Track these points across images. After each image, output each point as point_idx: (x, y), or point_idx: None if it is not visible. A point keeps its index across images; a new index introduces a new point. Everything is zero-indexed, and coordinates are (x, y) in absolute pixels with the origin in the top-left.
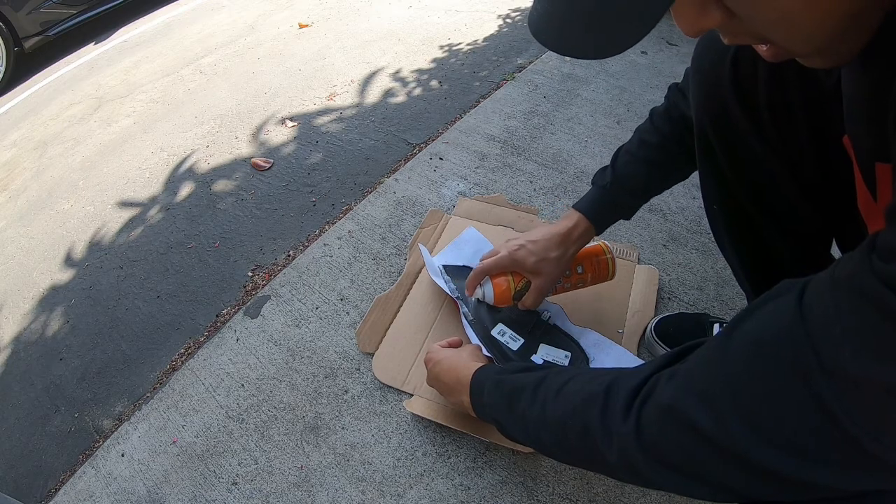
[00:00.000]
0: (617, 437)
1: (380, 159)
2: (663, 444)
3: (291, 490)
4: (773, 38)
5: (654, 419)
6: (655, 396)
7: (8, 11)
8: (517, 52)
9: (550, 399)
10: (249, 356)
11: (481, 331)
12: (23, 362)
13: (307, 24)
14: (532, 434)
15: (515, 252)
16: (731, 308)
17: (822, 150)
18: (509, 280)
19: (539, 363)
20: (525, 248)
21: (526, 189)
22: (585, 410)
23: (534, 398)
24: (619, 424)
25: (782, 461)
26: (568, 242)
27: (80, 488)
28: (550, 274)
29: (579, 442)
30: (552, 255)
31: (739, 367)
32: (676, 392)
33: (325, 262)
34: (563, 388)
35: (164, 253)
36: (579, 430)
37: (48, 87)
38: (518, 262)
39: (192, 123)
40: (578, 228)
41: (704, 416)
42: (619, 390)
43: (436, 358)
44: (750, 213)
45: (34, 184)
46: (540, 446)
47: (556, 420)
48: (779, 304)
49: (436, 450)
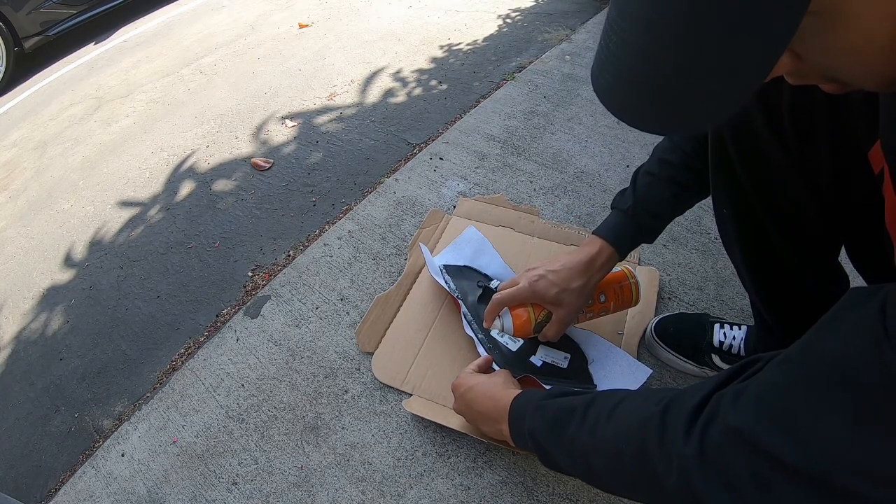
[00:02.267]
0: (678, 459)
1: (380, 159)
2: (729, 468)
3: (291, 490)
4: (842, 78)
5: (720, 442)
6: (721, 418)
7: (8, 11)
8: (517, 52)
9: (602, 421)
10: (249, 356)
11: (482, 331)
12: (23, 362)
13: (307, 24)
14: (579, 459)
15: (536, 283)
16: (730, 308)
17: (841, 162)
18: (529, 311)
19: (538, 364)
20: (546, 278)
21: (526, 189)
22: (642, 432)
23: (583, 421)
24: (680, 446)
25: (866, 486)
26: (591, 271)
27: (80, 488)
28: (573, 305)
29: (635, 465)
30: (574, 285)
31: (822, 391)
32: (745, 414)
33: (325, 262)
34: (615, 410)
35: (164, 253)
36: (635, 452)
37: (48, 87)
38: (538, 294)
39: (192, 123)
40: (602, 256)
41: (780, 441)
42: (679, 410)
43: (467, 384)
44: (760, 219)
45: (34, 184)
46: (587, 473)
47: (609, 443)
48: (860, 318)
49: (436, 450)
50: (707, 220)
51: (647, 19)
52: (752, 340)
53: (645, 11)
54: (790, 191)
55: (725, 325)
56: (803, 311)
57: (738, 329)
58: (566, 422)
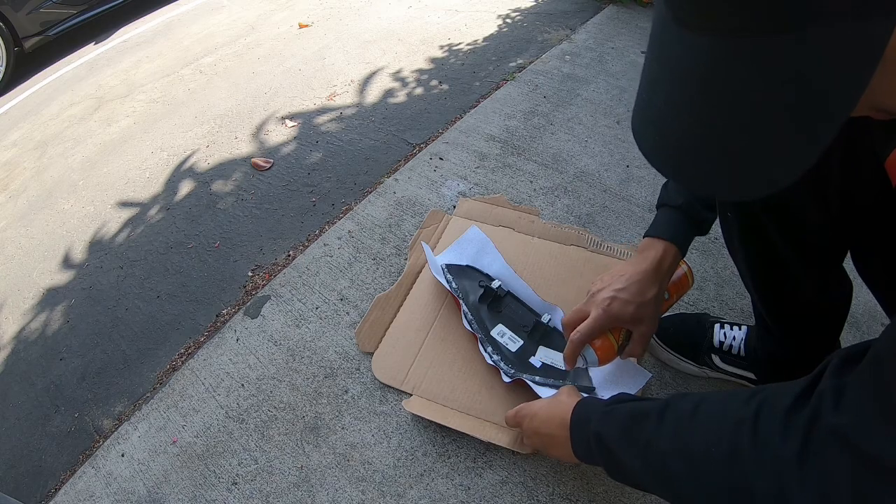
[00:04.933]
0: (775, 461)
1: (380, 159)
2: (831, 473)
3: (291, 490)
4: (891, 108)
5: (824, 445)
6: (824, 419)
7: (8, 11)
8: (517, 52)
9: (685, 423)
10: (249, 356)
11: (482, 331)
12: (23, 362)
13: (307, 24)
14: (655, 465)
15: (609, 307)
16: (731, 308)
17: (853, 172)
18: (610, 339)
19: (537, 366)
20: (618, 298)
21: (526, 189)
22: (734, 432)
23: (660, 424)
24: (778, 446)
25: None
26: (660, 276)
27: (81, 488)
28: (651, 317)
29: (722, 468)
30: (649, 295)
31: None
32: (852, 418)
33: (325, 262)
34: (697, 411)
35: (164, 253)
36: (725, 453)
37: (48, 87)
38: (615, 318)
39: (192, 123)
40: (668, 258)
41: (885, 443)
42: (773, 410)
43: (529, 412)
44: (764, 224)
45: (34, 184)
46: (662, 479)
47: (694, 444)
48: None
49: (436, 450)
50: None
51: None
52: (753, 340)
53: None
54: (796, 198)
55: (725, 325)
56: (804, 315)
57: (738, 329)
58: (641, 425)
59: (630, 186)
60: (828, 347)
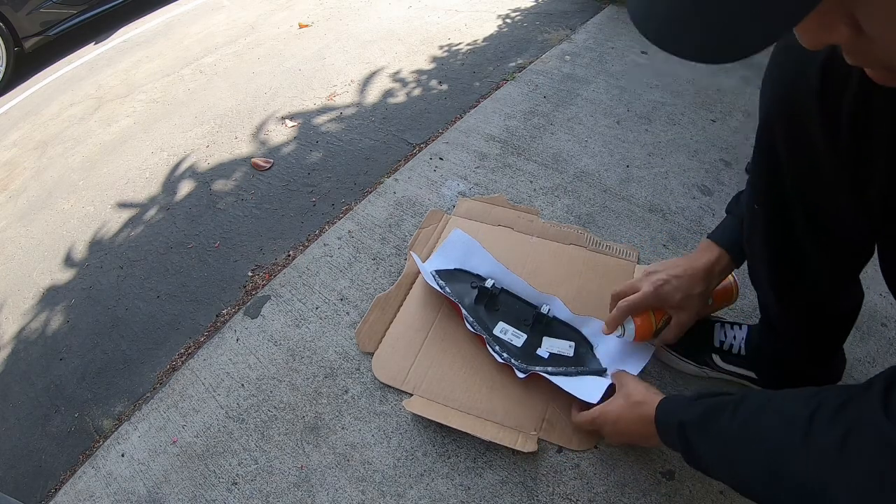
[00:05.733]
0: (818, 453)
1: (380, 159)
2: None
3: (291, 490)
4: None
5: (863, 438)
6: (867, 416)
7: (8, 11)
8: (517, 52)
9: (753, 417)
10: (249, 356)
11: (486, 332)
12: (23, 362)
13: (307, 24)
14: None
15: (661, 287)
16: (731, 308)
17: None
18: (651, 318)
19: (545, 357)
20: (670, 283)
21: (526, 189)
22: (790, 426)
23: (735, 413)
24: (823, 439)
25: None
26: (710, 278)
27: (81, 488)
28: (693, 309)
29: (776, 457)
30: (697, 291)
31: None
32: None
33: (325, 262)
34: (767, 406)
35: (164, 253)
36: (779, 446)
37: (48, 87)
38: (664, 299)
39: (192, 123)
40: (721, 264)
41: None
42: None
43: (610, 419)
44: (794, 219)
45: (34, 184)
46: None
47: (756, 436)
48: None
49: (436, 450)
50: (707, 220)
51: None
52: (755, 339)
53: None
54: (835, 194)
55: (726, 324)
56: (816, 317)
57: (738, 329)
58: (718, 415)
59: (630, 186)
60: (833, 350)
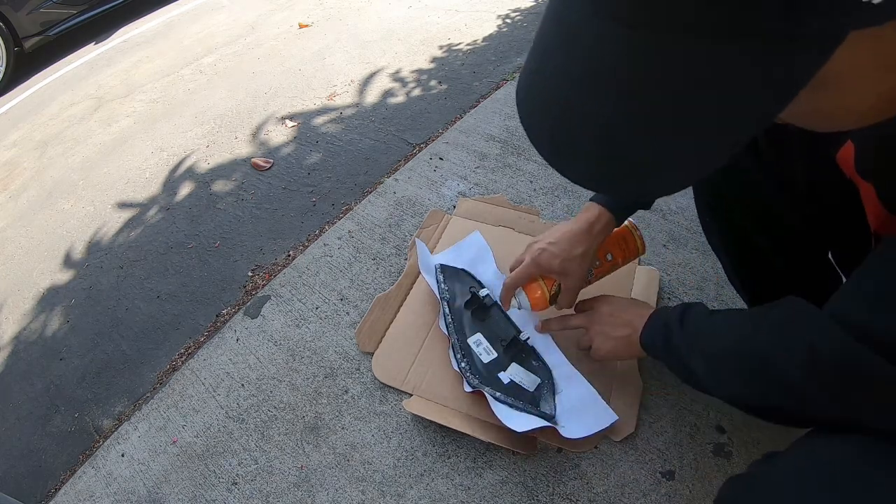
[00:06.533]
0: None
1: (380, 159)
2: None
3: (291, 490)
4: (818, 129)
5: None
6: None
7: (8, 11)
8: (517, 51)
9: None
10: (249, 356)
11: (459, 336)
12: (23, 362)
13: (307, 24)
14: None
15: (539, 257)
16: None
17: (816, 170)
18: (541, 285)
19: (505, 382)
20: (547, 251)
21: (526, 189)
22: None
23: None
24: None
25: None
26: (590, 237)
27: (81, 488)
28: (577, 272)
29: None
30: (576, 252)
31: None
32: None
33: (325, 262)
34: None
35: (164, 253)
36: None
37: (48, 87)
38: (544, 267)
39: (191, 123)
40: (600, 222)
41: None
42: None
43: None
44: (743, 227)
45: (34, 184)
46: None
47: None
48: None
49: (436, 450)
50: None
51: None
52: None
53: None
54: (767, 199)
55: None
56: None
57: None
58: (690, 309)
59: None
60: None
